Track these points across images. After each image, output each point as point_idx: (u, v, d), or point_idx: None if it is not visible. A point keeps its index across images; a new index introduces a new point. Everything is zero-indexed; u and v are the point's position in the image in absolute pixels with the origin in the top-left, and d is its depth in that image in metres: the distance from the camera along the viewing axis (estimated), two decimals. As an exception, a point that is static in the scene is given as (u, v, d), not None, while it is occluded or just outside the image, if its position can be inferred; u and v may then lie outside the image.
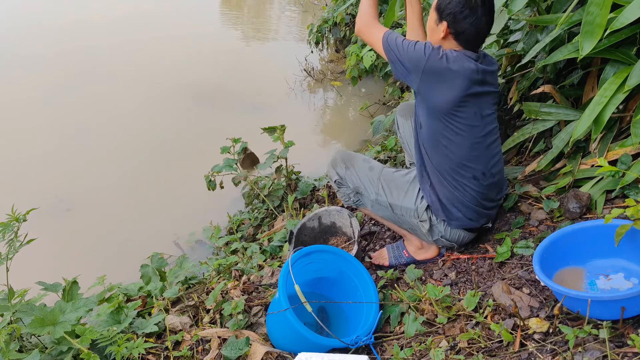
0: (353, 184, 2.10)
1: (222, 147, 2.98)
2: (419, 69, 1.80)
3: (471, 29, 1.80)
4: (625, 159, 1.91)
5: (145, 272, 2.38)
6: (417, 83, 1.84)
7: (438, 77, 1.79)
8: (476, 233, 2.09)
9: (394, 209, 2.05)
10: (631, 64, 1.94)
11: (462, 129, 1.85)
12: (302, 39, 6.35)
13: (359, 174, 2.09)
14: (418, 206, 2.01)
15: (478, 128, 1.87)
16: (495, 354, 1.52)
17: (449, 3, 1.80)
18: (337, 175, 2.12)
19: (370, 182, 2.07)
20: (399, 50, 1.84)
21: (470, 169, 1.91)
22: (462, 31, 1.81)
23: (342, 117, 4.72)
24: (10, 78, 5.36)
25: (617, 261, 1.61)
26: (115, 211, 3.39)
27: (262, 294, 2.17)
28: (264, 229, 2.95)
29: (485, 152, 1.92)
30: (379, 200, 2.06)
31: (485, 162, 1.92)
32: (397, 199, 2.04)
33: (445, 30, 1.83)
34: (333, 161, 2.15)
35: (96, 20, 7.08)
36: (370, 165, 2.11)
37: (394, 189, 2.05)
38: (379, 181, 2.06)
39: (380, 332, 1.85)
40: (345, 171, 2.11)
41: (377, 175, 2.07)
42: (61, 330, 1.66)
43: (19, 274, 1.82)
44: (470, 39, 1.83)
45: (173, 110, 4.69)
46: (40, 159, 3.96)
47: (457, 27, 1.81)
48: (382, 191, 2.05)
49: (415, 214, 2.02)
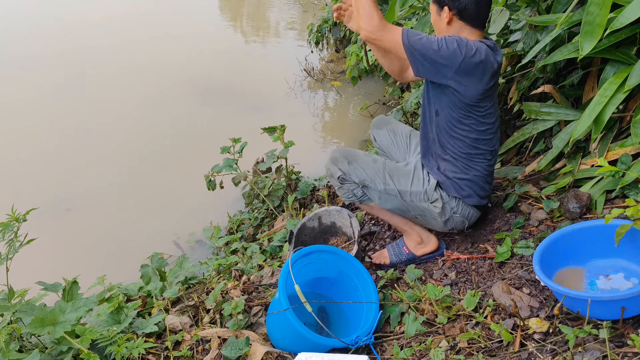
0: (358, 177, 2.06)
1: (222, 147, 2.98)
2: (454, 66, 1.78)
3: (472, 2, 1.82)
4: (625, 159, 1.91)
5: (145, 272, 2.38)
6: (447, 79, 1.82)
7: (471, 72, 1.80)
8: (480, 212, 2.12)
9: (404, 195, 2.05)
10: (631, 64, 1.94)
11: (481, 116, 1.92)
12: (302, 39, 6.35)
13: (363, 166, 2.07)
14: (427, 188, 2.03)
15: (493, 114, 1.95)
16: (495, 354, 1.52)
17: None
18: (339, 171, 2.07)
19: (376, 173, 2.06)
20: (427, 50, 1.77)
21: (482, 150, 1.98)
22: (463, 7, 1.82)
23: (342, 117, 4.71)
24: (10, 78, 5.36)
25: (617, 261, 1.61)
26: (115, 211, 3.39)
27: (262, 294, 2.17)
28: (264, 229, 2.95)
29: (495, 134, 2.00)
30: (387, 189, 2.05)
31: (494, 142, 2.01)
32: (405, 185, 2.04)
33: (448, 14, 1.85)
34: (333, 158, 2.10)
35: (96, 20, 7.08)
36: (372, 158, 2.11)
37: (401, 176, 2.06)
38: (384, 171, 2.06)
39: (380, 332, 1.85)
40: (349, 166, 2.06)
41: (381, 166, 2.07)
42: (61, 330, 1.66)
43: (19, 274, 1.82)
44: (474, 15, 1.84)
45: (173, 110, 4.69)
46: (40, 159, 3.96)
47: (458, 5, 1.83)
48: (390, 180, 2.04)
49: (425, 196, 2.03)
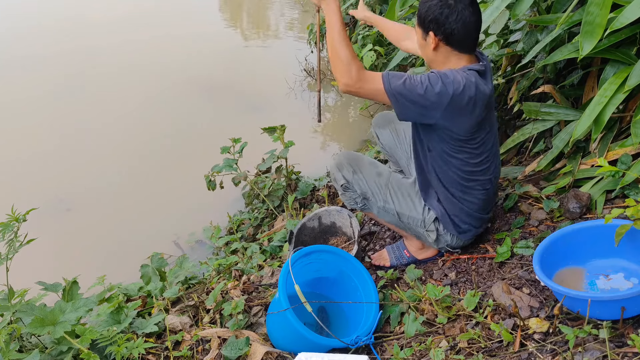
0: (360, 189, 2.02)
1: (222, 147, 2.98)
2: (441, 107, 1.66)
3: (458, 26, 1.69)
4: (625, 159, 1.91)
5: (145, 272, 2.38)
6: (435, 119, 1.71)
7: (460, 110, 1.69)
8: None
9: (401, 217, 2.02)
10: (631, 64, 1.94)
11: (475, 147, 1.82)
12: (302, 39, 6.34)
13: (367, 179, 2.01)
14: (425, 217, 1.99)
15: (490, 141, 1.86)
16: (495, 354, 1.52)
17: (426, 11, 1.72)
18: (343, 180, 2.03)
19: (378, 189, 2.01)
20: (412, 93, 1.65)
21: (479, 180, 1.89)
22: (449, 32, 1.70)
23: (342, 117, 4.71)
24: (10, 78, 5.35)
25: (617, 261, 1.61)
26: (115, 211, 3.38)
27: (262, 294, 2.17)
28: (264, 229, 2.95)
29: (494, 159, 1.91)
30: (387, 207, 2.02)
31: (493, 169, 1.92)
32: (405, 208, 2.00)
33: (434, 39, 1.73)
34: (339, 164, 2.03)
35: (96, 20, 7.08)
36: (377, 171, 2.04)
37: (402, 197, 2.00)
38: (387, 188, 2.01)
39: (380, 332, 1.85)
40: (353, 175, 2.01)
41: (385, 182, 2.01)
42: (61, 330, 1.66)
43: (19, 274, 1.82)
44: (461, 39, 1.72)
45: (173, 110, 4.68)
46: (40, 159, 3.95)
47: (444, 30, 1.70)
48: (390, 199, 2.00)
49: (422, 224, 2.00)
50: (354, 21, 5.15)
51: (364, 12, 2.45)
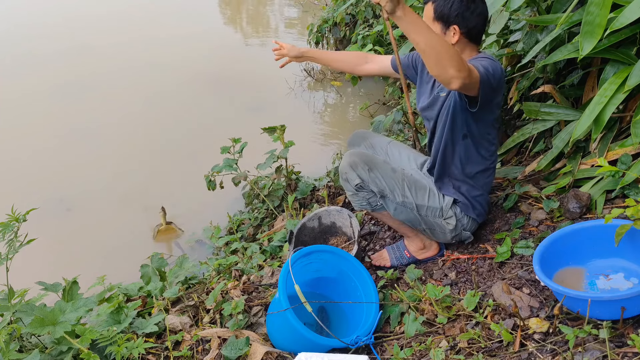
0: (377, 187, 1.96)
1: (222, 147, 2.98)
2: (502, 85, 1.84)
3: (479, 20, 1.86)
4: (625, 159, 1.91)
5: (145, 272, 2.38)
6: (497, 98, 1.87)
7: (501, 86, 1.86)
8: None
9: (420, 210, 2.01)
10: (631, 64, 1.94)
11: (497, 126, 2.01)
12: (302, 39, 6.35)
13: (384, 175, 1.97)
14: (443, 205, 2.02)
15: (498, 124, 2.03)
16: (495, 354, 1.52)
17: (451, 6, 1.82)
18: (358, 179, 1.95)
19: (396, 184, 1.98)
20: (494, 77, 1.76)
21: (492, 167, 2.04)
22: (472, 26, 1.86)
23: (342, 117, 4.71)
24: (11, 78, 5.36)
25: (617, 261, 1.61)
26: (115, 211, 3.39)
27: (262, 294, 2.17)
28: (264, 229, 2.95)
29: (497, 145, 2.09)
30: (406, 202, 1.99)
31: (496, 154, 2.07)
32: (422, 199, 2.01)
33: (458, 33, 1.86)
34: (352, 163, 1.96)
35: (96, 20, 7.09)
36: (391, 167, 2.02)
37: (419, 189, 2.02)
38: (404, 182, 2.00)
39: (380, 332, 1.85)
40: (369, 174, 1.95)
41: (400, 177, 2.00)
42: (61, 330, 1.66)
43: (19, 274, 1.82)
44: (479, 32, 1.90)
45: (172, 110, 4.69)
46: (41, 159, 3.96)
47: (468, 24, 1.85)
48: (409, 192, 1.99)
49: (440, 212, 2.02)
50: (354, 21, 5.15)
51: (297, 49, 2.35)
